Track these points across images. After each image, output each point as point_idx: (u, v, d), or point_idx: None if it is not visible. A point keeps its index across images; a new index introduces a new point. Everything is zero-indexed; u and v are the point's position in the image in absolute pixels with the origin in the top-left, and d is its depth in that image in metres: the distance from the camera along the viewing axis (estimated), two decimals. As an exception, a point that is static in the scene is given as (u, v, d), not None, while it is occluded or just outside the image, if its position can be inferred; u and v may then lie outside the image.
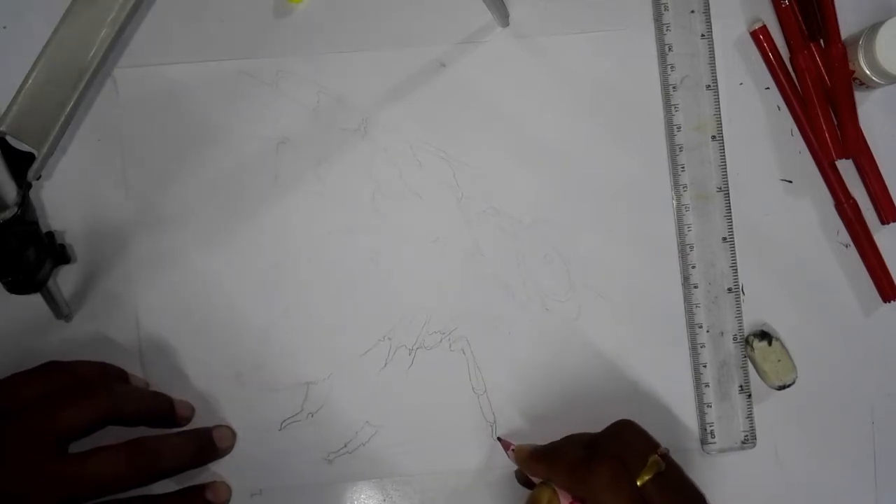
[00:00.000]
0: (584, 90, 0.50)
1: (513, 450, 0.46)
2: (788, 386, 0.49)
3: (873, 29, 0.47)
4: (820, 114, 0.49)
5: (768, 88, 0.51)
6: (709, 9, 0.50)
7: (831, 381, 0.50)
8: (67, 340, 0.49)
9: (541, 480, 0.43)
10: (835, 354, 0.50)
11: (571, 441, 0.45)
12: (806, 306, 0.50)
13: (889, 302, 0.50)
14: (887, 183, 0.50)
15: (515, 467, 0.47)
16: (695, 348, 0.50)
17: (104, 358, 0.49)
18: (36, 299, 0.45)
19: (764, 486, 0.50)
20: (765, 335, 0.49)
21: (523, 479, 0.47)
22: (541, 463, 0.44)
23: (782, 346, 0.49)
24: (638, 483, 0.39)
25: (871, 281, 0.50)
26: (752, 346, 0.49)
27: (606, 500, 0.39)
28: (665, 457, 0.41)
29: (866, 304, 0.50)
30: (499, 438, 0.48)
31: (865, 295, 0.50)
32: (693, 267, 0.50)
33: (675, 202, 0.50)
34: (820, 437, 0.50)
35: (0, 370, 0.44)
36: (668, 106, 0.50)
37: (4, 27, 0.50)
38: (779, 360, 0.49)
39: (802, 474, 0.50)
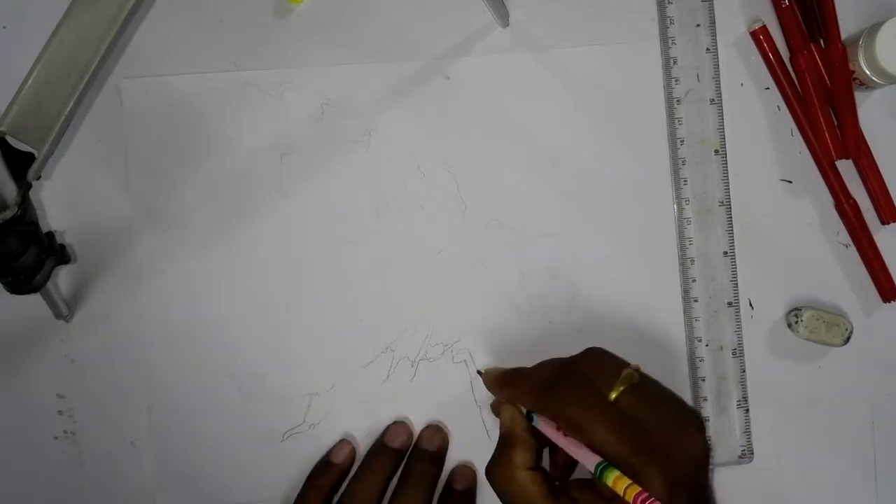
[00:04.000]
0: (588, 103, 0.50)
1: (479, 371, 0.46)
2: (851, 334, 0.49)
3: (873, 29, 0.47)
4: (820, 114, 0.49)
5: (768, 89, 0.51)
6: (714, 23, 0.50)
7: (831, 381, 0.50)
8: (67, 340, 0.49)
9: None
10: (835, 354, 0.50)
11: (541, 365, 0.44)
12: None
13: (889, 302, 0.50)
14: (887, 183, 0.50)
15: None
16: (693, 362, 0.49)
17: (104, 357, 0.49)
18: (36, 299, 0.45)
19: (764, 486, 0.50)
20: (797, 310, 0.49)
21: (496, 409, 0.47)
22: (506, 386, 0.44)
23: (816, 308, 0.49)
24: (613, 395, 0.38)
25: (871, 281, 0.50)
26: (797, 329, 0.49)
27: (574, 416, 0.38)
28: (639, 371, 0.40)
29: (866, 304, 0.51)
30: (479, 372, 0.48)
31: (865, 295, 0.50)
32: (693, 280, 0.50)
33: (676, 215, 0.50)
34: (820, 438, 0.50)
35: (0, 370, 0.44)
36: (672, 119, 0.50)
37: (4, 27, 0.50)
38: (825, 322, 0.49)
39: (803, 474, 0.50)
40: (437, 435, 0.49)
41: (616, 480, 0.36)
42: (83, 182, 0.49)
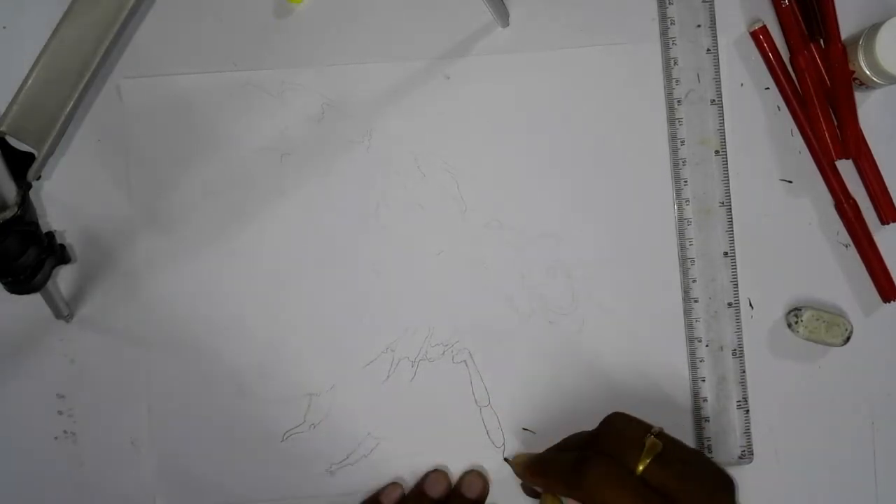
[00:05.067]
0: (588, 103, 0.50)
1: (506, 459, 0.46)
2: (851, 334, 0.49)
3: (873, 29, 0.47)
4: (820, 114, 0.49)
5: (768, 89, 0.51)
6: (715, 24, 0.50)
7: (831, 381, 0.50)
8: (67, 340, 0.49)
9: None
10: (835, 354, 0.50)
11: (566, 444, 0.44)
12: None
13: (889, 302, 0.50)
14: (887, 183, 0.50)
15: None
16: (694, 362, 0.49)
17: (104, 357, 0.49)
18: (36, 299, 0.45)
19: (764, 486, 0.50)
20: (797, 310, 0.49)
21: (529, 490, 0.47)
22: (536, 476, 0.44)
23: (816, 308, 0.49)
24: (640, 468, 0.38)
25: (871, 281, 0.50)
26: (797, 329, 0.49)
27: (606, 498, 0.38)
28: (661, 435, 0.40)
29: (866, 304, 0.50)
30: (506, 460, 0.48)
31: (865, 295, 0.50)
32: (694, 281, 0.50)
33: (676, 216, 0.50)
34: (820, 438, 0.50)
35: (0, 370, 0.44)
36: (673, 120, 0.50)
37: (4, 27, 0.50)
38: (825, 322, 0.49)
39: (803, 474, 0.50)
40: (478, 481, 0.48)
41: None
42: (83, 182, 0.49)
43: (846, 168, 0.50)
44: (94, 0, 0.39)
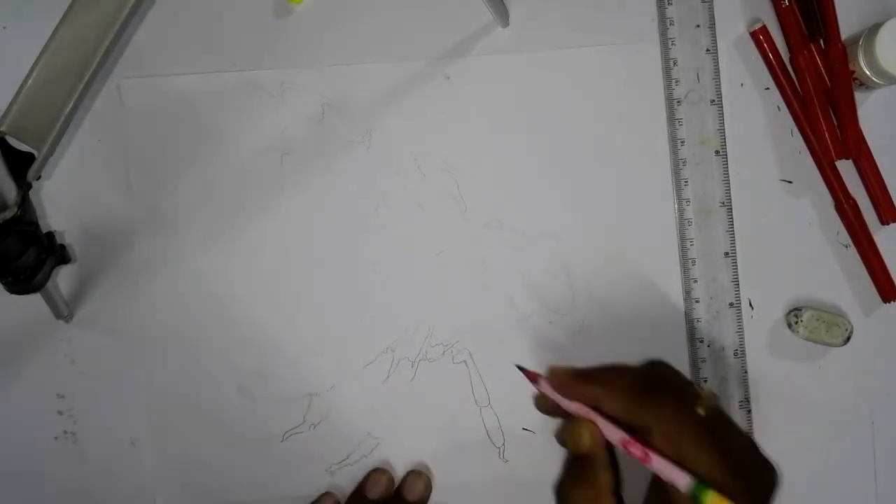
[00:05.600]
0: (588, 103, 0.50)
1: (546, 373, 0.39)
2: (851, 334, 0.49)
3: (873, 29, 0.47)
4: (820, 114, 0.49)
5: (768, 89, 0.51)
6: (714, 24, 0.50)
7: (831, 381, 0.50)
8: (67, 340, 0.49)
9: (577, 410, 0.38)
10: (835, 354, 0.50)
11: (621, 369, 0.39)
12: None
13: (889, 302, 0.50)
14: (887, 183, 0.50)
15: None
16: (695, 363, 0.49)
17: (104, 357, 0.49)
18: (36, 299, 0.45)
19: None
20: (797, 310, 0.49)
21: (548, 407, 0.40)
22: (590, 385, 0.37)
23: (815, 309, 0.49)
24: (701, 412, 0.35)
25: (871, 281, 0.50)
26: (797, 330, 0.49)
27: (673, 429, 0.35)
28: (709, 396, 0.37)
29: (866, 304, 0.50)
30: (519, 367, 0.42)
31: (865, 295, 0.50)
32: (695, 281, 0.50)
33: (677, 216, 0.50)
34: (820, 438, 0.50)
35: (0, 370, 0.44)
36: (673, 120, 0.50)
37: (4, 27, 0.50)
38: (825, 322, 0.49)
39: (803, 475, 0.50)
40: (419, 482, 0.48)
41: (716, 502, 0.33)
42: (83, 182, 0.49)
43: (846, 168, 0.50)
44: (94, 0, 0.39)
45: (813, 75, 0.50)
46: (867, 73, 0.48)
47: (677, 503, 0.34)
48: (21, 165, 0.39)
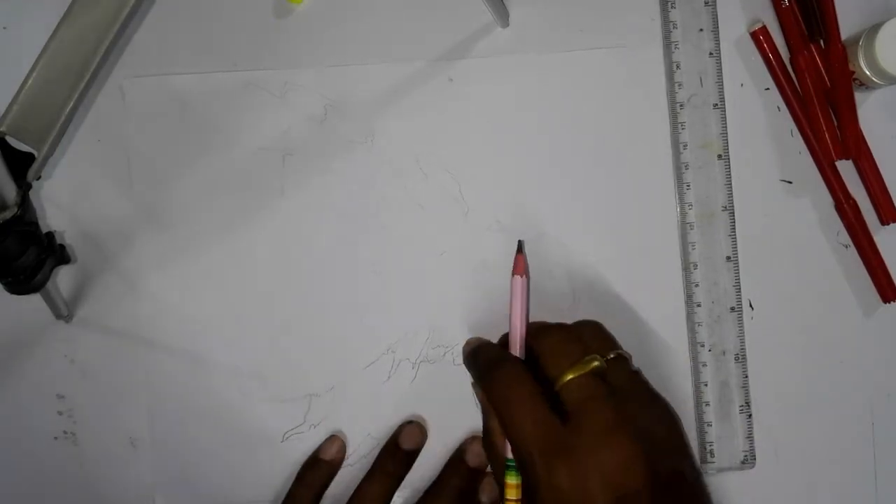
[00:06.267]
0: (590, 106, 0.50)
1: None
2: None
3: (873, 29, 0.47)
4: (820, 114, 0.49)
5: (768, 89, 0.51)
6: (717, 27, 0.50)
7: (831, 381, 0.50)
8: (67, 340, 0.49)
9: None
10: (835, 354, 0.50)
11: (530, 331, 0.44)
12: (806, 306, 0.50)
13: (889, 302, 0.50)
14: (887, 183, 0.50)
15: None
16: (696, 367, 0.49)
17: (104, 357, 0.49)
18: (36, 299, 0.45)
19: (764, 485, 0.50)
20: None
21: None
22: (466, 362, 0.45)
23: None
24: (564, 379, 0.38)
25: (871, 281, 0.50)
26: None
27: (500, 396, 0.39)
28: (620, 361, 0.40)
29: (866, 304, 0.50)
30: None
31: (865, 295, 0.50)
32: (696, 285, 0.49)
33: (679, 220, 0.50)
34: (820, 439, 0.50)
35: (0, 370, 0.44)
36: (675, 124, 0.50)
37: (4, 27, 0.50)
38: None
39: (804, 478, 0.50)
40: (416, 431, 0.49)
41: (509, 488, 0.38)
42: (83, 182, 0.49)
43: (846, 168, 0.50)
44: (93, 0, 0.39)
45: (813, 75, 0.50)
46: (867, 73, 0.48)
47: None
48: (21, 165, 0.39)
